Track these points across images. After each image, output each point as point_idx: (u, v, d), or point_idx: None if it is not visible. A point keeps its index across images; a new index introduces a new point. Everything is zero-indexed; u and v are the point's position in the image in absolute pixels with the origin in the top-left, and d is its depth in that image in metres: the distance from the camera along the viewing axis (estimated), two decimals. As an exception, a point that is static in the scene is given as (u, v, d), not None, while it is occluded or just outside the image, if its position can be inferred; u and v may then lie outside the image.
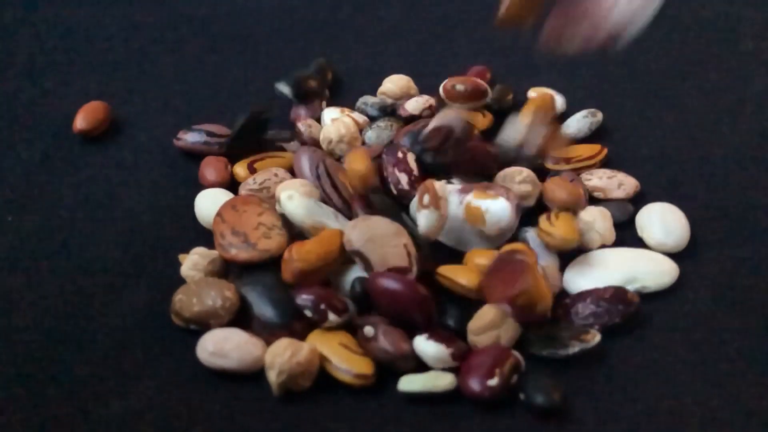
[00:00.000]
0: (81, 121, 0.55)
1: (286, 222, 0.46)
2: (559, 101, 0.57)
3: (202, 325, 0.43)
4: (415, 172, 0.49)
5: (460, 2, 0.70)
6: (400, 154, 0.50)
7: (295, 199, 0.46)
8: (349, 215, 0.48)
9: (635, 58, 0.63)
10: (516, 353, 0.42)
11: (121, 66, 0.62)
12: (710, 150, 0.55)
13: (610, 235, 0.49)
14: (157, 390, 0.41)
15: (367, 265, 0.44)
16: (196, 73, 0.62)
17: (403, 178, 0.49)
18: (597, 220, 0.48)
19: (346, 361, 0.41)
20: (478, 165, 0.51)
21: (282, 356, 0.40)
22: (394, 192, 0.49)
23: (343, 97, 0.58)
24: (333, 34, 0.66)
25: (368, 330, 0.42)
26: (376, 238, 0.44)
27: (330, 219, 0.46)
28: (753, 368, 0.42)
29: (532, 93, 0.57)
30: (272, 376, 0.40)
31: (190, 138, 0.54)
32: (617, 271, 0.46)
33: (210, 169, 0.52)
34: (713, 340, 0.44)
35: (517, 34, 0.65)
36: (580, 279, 0.46)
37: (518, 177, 0.49)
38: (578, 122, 0.55)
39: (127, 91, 0.58)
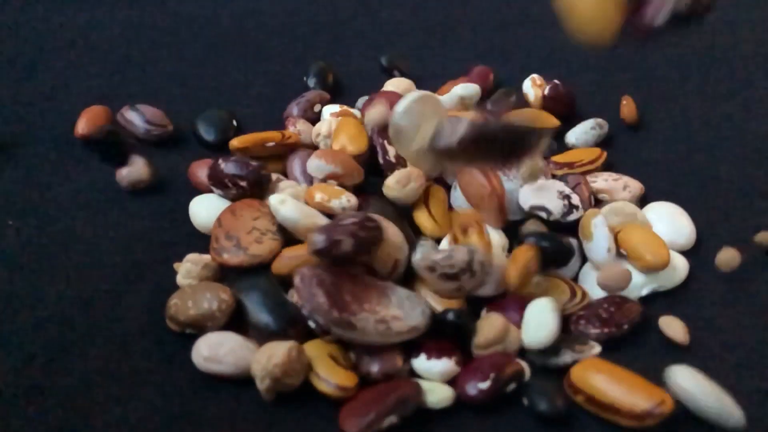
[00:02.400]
0: (82, 126, 0.55)
1: (282, 227, 0.46)
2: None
3: (198, 328, 0.43)
4: None
5: (461, 4, 0.70)
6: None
7: (288, 203, 0.45)
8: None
9: (637, 61, 0.63)
10: (520, 362, 0.41)
11: (122, 70, 0.62)
12: (712, 153, 0.55)
13: (649, 223, 0.49)
14: (157, 395, 0.41)
15: None
16: (197, 76, 0.62)
17: (392, 150, 0.50)
18: (637, 211, 0.48)
19: (329, 372, 0.40)
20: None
21: (260, 362, 0.40)
22: (381, 162, 0.50)
23: (344, 100, 0.58)
24: (334, 36, 0.66)
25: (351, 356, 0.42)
26: None
27: (323, 220, 0.46)
28: (756, 373, 0.42)
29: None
30: (258, 384, 0.40)
31: (130, 117, 0.55)
32: (634, 273, 0.46)
33: (201, 172, 0.51)
34: (716, 344, 0.44)
35: (520, 37, 0.66)
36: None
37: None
38: (585, 134, 0.55)
39: (129, 95, 0.58)
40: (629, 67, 0.63)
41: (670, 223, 0.49)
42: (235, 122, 0.56)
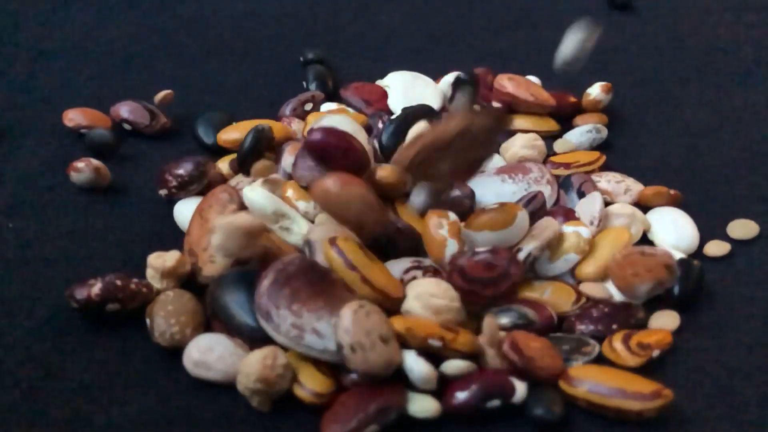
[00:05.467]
0: (82, 126, 0.55)
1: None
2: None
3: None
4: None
5: (461, 6, 0.70)
6: (380, 125, 0.51)
7: (257, 188, 0.45)
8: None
9: (637, 65, 0.63)
10: (516, 382, 0.40)
11: (120, 71, 0.62)
12: (712, 157, 0.55)
13: (648, 223, 0.49)
14: (157, 397, 0.41)
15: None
16: (197, 78, 0.62)
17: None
18: (635, 211, 0.48)
19: (307, 378, 0.40)
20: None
21: (241, 383, 0.39)
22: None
23: (343, 102, 0.58)
24: (334, 39, 0.66)
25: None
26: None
27: (291, 211, 0.45)
28: (756, 376, 0.42)
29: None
30: (250, 402, 0.40)
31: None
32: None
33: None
34: (715, 350, 0.43)
35: (520, 39, 0.66)
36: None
37: (519, 141, 0.52)
38: (581, 136, 0.55)
39: (127, 96, 0.58)
40: (629, 70, 0.63)
41: (673, 228, 0.49)
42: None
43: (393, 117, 0.52)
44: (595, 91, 0.57)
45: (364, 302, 0.39)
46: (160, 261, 0.44)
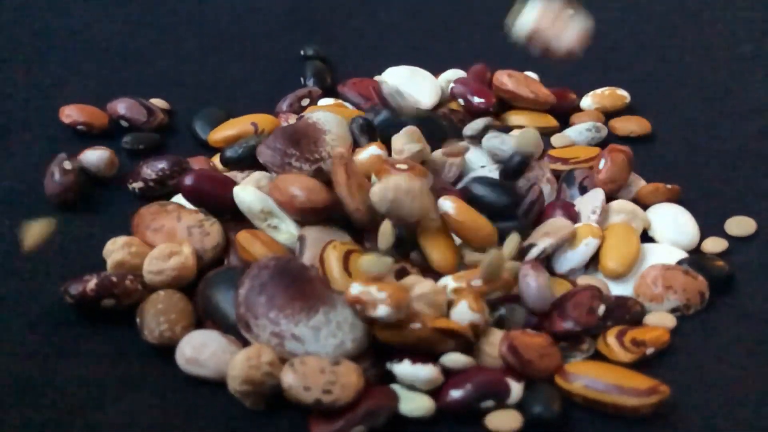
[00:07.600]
0: (79, 122, 0.55)
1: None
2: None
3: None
4: None
5: (459, 2, 0.70)
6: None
7: (246, 187, 0.46)
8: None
9: (635, 64, 0.63)
10: (511, 382, 0.40)
11: (119, 67, 0.62)
12: (710, 155, 0.55)
13: (648, 221, 0.49)
14: (152, 394, 0.41)
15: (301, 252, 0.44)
16: (195, 74, 0.62)
17: None
18: (636, 208, 0.49)
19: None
20: None
21: (231, 386, 0.39)
22: None
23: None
24: (332, 36, 0.66)
25: None
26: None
27: (279, 209, 0.45)
28: (755, 375, 0.42)
29: None
30: (245, 404, 0.40)
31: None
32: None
33: (195, 167, 0.51)
34: (712, 347, 0.43)
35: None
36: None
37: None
38: (580, 134, 0.55)
39: (126, 92, 0.58)
40: (628, 68, 0.63)
41: (673, 224, 0.49)
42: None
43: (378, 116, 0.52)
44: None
45: (291, 363, 0.39)
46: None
